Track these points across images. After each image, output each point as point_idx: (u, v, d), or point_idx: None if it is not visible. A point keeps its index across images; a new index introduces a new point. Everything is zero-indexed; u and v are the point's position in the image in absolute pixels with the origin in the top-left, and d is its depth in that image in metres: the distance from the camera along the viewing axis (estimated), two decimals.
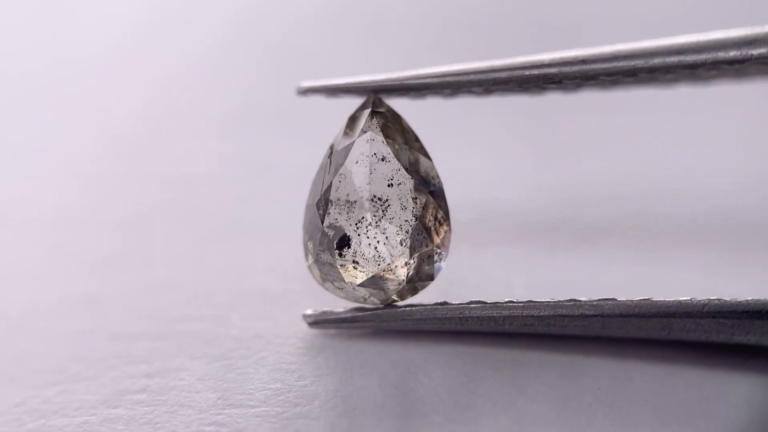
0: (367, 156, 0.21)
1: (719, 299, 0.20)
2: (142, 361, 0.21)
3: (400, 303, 0.22)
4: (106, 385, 0.21)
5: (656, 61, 0.20)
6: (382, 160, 0.21)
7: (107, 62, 0.40)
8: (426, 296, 0.22)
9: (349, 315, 0.22)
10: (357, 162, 0.21)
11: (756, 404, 0.20)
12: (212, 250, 0.26)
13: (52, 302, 0.24)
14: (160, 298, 0.24)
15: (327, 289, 0.21)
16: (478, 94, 0.22)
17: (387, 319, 0.21)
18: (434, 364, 0.21)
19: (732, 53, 0.20)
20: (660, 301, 0.20)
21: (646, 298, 0.21)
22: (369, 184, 0.21)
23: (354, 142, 0.21)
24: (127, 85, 0.38)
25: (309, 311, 0.22)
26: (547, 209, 0.28)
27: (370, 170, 0.21)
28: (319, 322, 0.22)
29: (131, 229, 0.27)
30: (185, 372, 0.21)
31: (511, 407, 0.20)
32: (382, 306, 0.22)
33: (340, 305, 0.22)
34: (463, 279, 0.24)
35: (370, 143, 0.21)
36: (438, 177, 0.21)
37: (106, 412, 0.20)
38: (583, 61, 0.20)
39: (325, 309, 0.22)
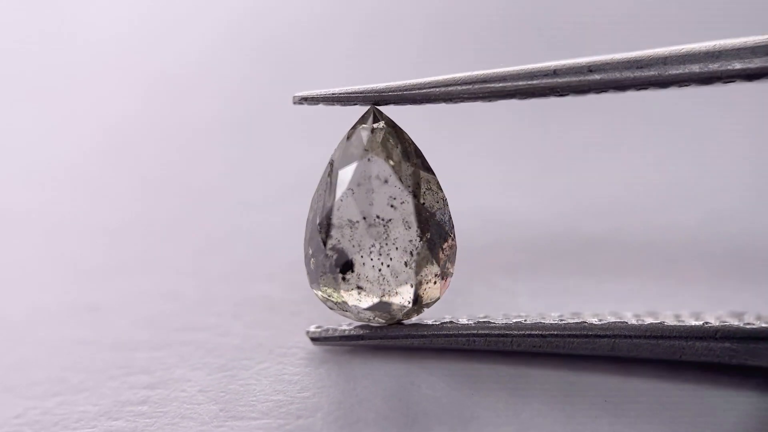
0: (369, 177, 0.20)
1: (732, 324, 0.20)
2: (142, 372, 0.21)
3: (406, 321, 0.21)
4: (107, 396, 0.21)
5: (670, 72, 0.19)
6: (385, 182, 0.20)
7: (105, 67, 0.39)
8: (431, 311, 0.21)
9: (353, 332, 0.21)
10: (359, 184, 0.20)
11: (764, 417, 0.20)
12: (213, 258, 0.26)
13: (51, 310, 0.24)
14: (161, 306, 0.24)
15: (331, 308, 0.21)
16: (482, 101, 0.21)
17: (392, 337, 0.21)
18: (438, 375, 0.21)
19: (750, 65, 0.19)
20: (671, 325, 0.20)
21: (658, 321, 0.20)
22: (371, 205, 0.20)
23: (354, 162, 0.20)
24: (124, 88, 0.37)
25: (312, 328, 0.22)
26: (551, 219, 0.28)
27: (372, 191, 0.20)
28: (321, 338, 0.22)
29: (131, 236, 0.27)
30: (187, 383, 0.21)
31: (515, 420, 0.20)
32: (387, 324, 0.21)
33: (344, 321, 0.22)
34: (467, 290, 0.24)
35: (371, 163, 0.20)
36: (441, 190, 0.21)
37: (107, 424, 0.20)
38: (591, 69, 0.20)
39: (329, 326, 0.22)
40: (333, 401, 0.20)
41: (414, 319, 0.21)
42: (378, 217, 0.20)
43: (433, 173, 0.21)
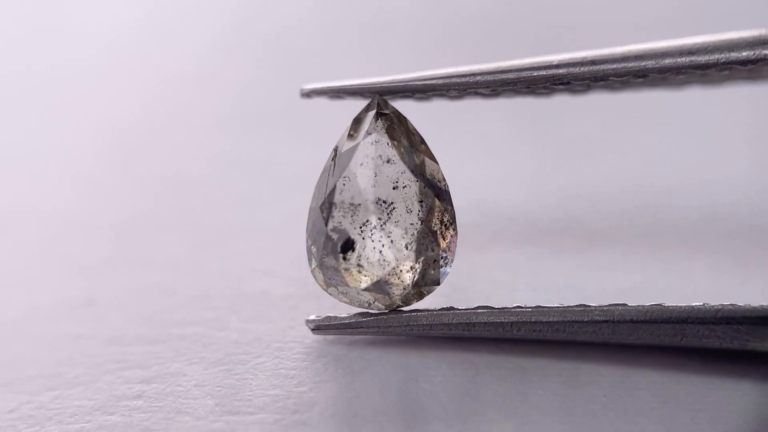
0: (372, 158, 0.20)
1: (733, 304, 0.20)
2: (138, 366, 0.21)
3: (405, 308, 0.21)
4: (102, 390, 0.20)
5: (667, 61, 0.20)
6: (387, 162, 0.20)
7: (105, 62, 0.39)
8: (430, 300, 0.21)
9: (353, 320, 0.21)
10: (362, 164, 0.20)
11: (764, 412, 0.19)
12: (211, 252, 0.26)
13: (47, 305, 0.24)
14: (157, 300, 0.24)
15: (331, 294, 0.21)
16: (485, 95, 0.22)
17: (392, 325, 0.21)
18: (436, 369, 0.21)
19: (745, 53, 0.20)
20: (672, 306, 0.20)
21: (658, 303, 0.20)
22: (374, 186, 0.20)
23: (358, 144, 0.20)
24: (125, 85, 0.37)
25: (312, 317, 0.22)
26: (552, 211, 0.27)
27: (375, 172, 0.20)
28: (321, 327, 0.21)
29: (128, 231, 0.27)
30: (183, 377, 0.21)
31: (514, 414, 0.19)
32: (386, 311, 0.21)
33: (342, 309, 0.22)
34: (467, 282, 0.24)
35: (374, 145, 0.20)
36: (444, 180, 0.21)
37: (102, 418, 0.20)
38: (593, 61, 0.20)
39: (329, 314, 0.22)
40: (330, 396, 0.20)
41: (413, 307, 0.21)
42: (380, 198, 0.20)
43: (437, 162, 0.21)
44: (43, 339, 0.22)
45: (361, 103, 0.21)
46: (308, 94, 0.22)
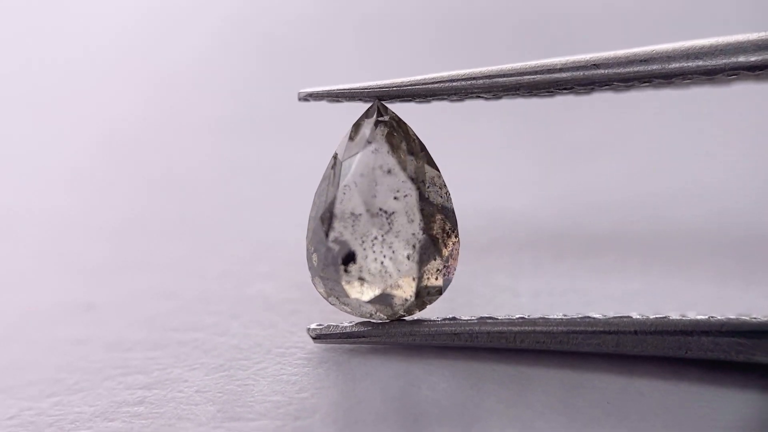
0: (372, 168, 0.20)
1: (738, 318, 0.20)
2: (139, 372, 0.21)
3: (408, 318, 0.21)
4: (103, 396, 0.20)
5: (673, 66, 0.19)
6: (388, 172, 0.20)
7: (104, 64, 0.39)
8: (433, 307, 0.21)
9: (354, 330, 0.21)
10: (362, 174, 0.20)
11: (766, 419, 0.19)
12: (211, 256, 0.26)
13: (46, 309, 0.24)
14: (158, 305, 0.24)
15: (332, 303, 0.21)
16: (486, 98, 0.21)
17: (394, 335, 0.21)
18: (438, 376, 0.21)
19: (753, 58, 0.19)
20: (677, 319, 0.20)
21: (663, 316, 0.20)
22: (374, 197, 0.20)
23: (358, 153, 0.20)
24: (122, 87, 0.37)
25: (313, 325, 0.22)
26: (554, 216, 0.27)
27: (376, 183, 0.20)
28: (323, 336, 0.21)
29: (128, 234, 0.27)
30: (184, 383, 0.21)
31: (517, 421, 0.19)
32: (389, 321, 0.21)
33: (343, 316, 0.22)
34: (469, 288, 0.24)
35: (374, 154, 0.20)
36: (445, 186, 0.21)
37: (103, 425, 0.20)
38: (596, 65, 0.20)
39: (330, 323, 0.21)
40: (332, 402, 0.20)
41: (415, 316, 0.21)
42: (381, 209, 0.20)
43: (437, 169, 0.21)
44: (42, 343, 0.22)
45: (361, 106, 0.21)
46: (306, 98, 0.21)
